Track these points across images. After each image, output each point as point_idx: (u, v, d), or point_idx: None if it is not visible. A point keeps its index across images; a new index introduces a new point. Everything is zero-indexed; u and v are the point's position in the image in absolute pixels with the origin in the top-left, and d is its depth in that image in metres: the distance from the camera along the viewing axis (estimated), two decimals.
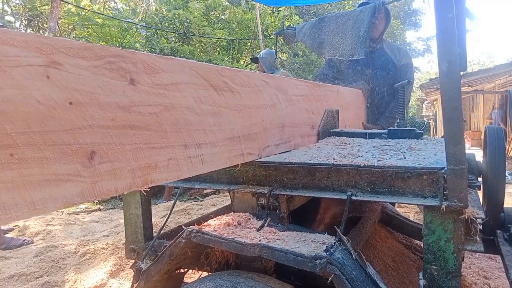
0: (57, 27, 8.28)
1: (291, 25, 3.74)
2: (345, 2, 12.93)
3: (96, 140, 0.70)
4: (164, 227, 1.70)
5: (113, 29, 8.06)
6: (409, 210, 4.27)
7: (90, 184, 0.68)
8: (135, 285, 1.49)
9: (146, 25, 8.73)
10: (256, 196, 1.41)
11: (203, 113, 1.01)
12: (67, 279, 2.70)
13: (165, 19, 9.11)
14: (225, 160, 1.11)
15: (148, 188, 0.88)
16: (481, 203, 1.40)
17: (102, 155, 0.71)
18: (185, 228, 1.28)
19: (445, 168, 1.07)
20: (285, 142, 1.53)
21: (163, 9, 9.79)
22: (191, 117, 0.96)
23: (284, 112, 1.51)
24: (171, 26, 8.99)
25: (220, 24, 10.25)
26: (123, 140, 0.76)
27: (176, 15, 8.67)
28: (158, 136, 0.85)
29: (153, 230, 1.77)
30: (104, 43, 7.65)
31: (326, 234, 1.25)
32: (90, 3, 9.46)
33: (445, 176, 1.08)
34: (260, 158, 1.33)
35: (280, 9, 11.13)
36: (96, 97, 0.71)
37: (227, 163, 1.13)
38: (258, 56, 4.68)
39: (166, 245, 1.36)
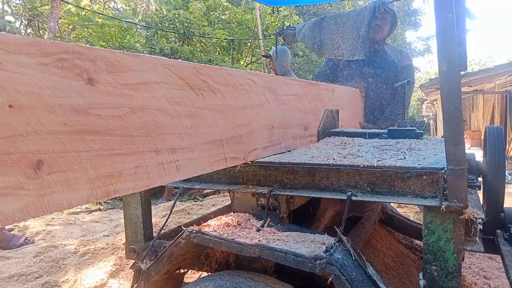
0: (57, 27, 8.27)
1: (291, 25, 3.73)
2: (345, 2, 12.93)
3: (44, 148, 0.62)
4: (164, 227, 1.70)
5: (113, 29, 8.06)
6: (409, 210, 4.26)
7: (36, 197, 0.61)
8: (135, 285, 1.49)
9: (146, 25, 8.74)
10: (256, 196, 1.41)
11: (178, 115, 0.93)
12: (67, 279, 2.70)
13: (165, 19, 9.11)
14: (204, 165, 1.03)
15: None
16: (481, 203, 1.39)
17: (51, 164, 0.63)
18: (185, 228, 1.28)
19: (445, 168, 1.07)
20: (275, 144, 1.46)
21: (163, 9, 9.79)
22: (163, 119, 0.88)
23: (273, 112, 1.44)
24: (171, 26, 8.99)
25: (220, 24, 10.25)
26: (79, 147, 0.68)
27: (176, 15, 8.67)
28: (122, 141, 0.77)
29: (153, 230, 1.77)
30: (104, 43, 7.66)
31: (326, 234, 1.25)
32: (90, 3, 9.46)
33: (445, 176, 1.08)
34: (245, 161, 1.26)
35: (280, 9, 11.13)
36: (44, 99, 0.62)
37: (207, 168, 1.05)
38: (270, 53, 4.20)
39: (166, 245, 1.36)
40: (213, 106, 1.07)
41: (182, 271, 1.60)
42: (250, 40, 10.31)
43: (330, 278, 1.02)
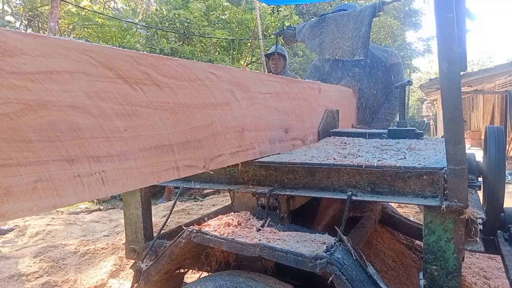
0: (57, 27, 8.28)
1: (291, 25, 3.73)
2: (345, 2, 12.95)
3: None
4: (164, 227, 1.70)
5: (113, 29, 8.08)
6: (409, 210, 4.27)
7: None
8: (135, 285, 1.49)
9: (146, 25, 8.75)
10: (256, 196, 1.41)
11: (105, 114, 0.74)
12: (67, 279, 2.70)
13: (165, 19, 9.12)
14: (146, 176, 0.84)
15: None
16: (481, 203, 1.40)
17: None
18: (185, 228, 1.28)
19: (445, 168, 1.07)
20: (247, 149, 1.29)
21: (163, 9, 9.80)
22: (81, 120, 0.70)
23: (244, 112, 1.26)
24: (171, 26, 9.00)
25: (220, 24, 10.26)
26: None
27: (176, 15, 8.68)
28: (13, 148, 0.59)
29: (153, 230, 1.77)
30: (104, 43, 7.66)
31: (326, 234, 1.25)
32: (90, 3, 9.47)
33: (445, 176, 1.08)
34: (206, 170, 1.08)
35: (280, 9, 11.15)
36: None
37: (150, 180, 0.86)
38: (270, 52, 4.13)
39: (166, 245, 1.36)
40: (159, 104, 0.89)
41: (182, 271, 1.60)
42: (250, 40, 10.31)
43: (330, 278, 1.02)
